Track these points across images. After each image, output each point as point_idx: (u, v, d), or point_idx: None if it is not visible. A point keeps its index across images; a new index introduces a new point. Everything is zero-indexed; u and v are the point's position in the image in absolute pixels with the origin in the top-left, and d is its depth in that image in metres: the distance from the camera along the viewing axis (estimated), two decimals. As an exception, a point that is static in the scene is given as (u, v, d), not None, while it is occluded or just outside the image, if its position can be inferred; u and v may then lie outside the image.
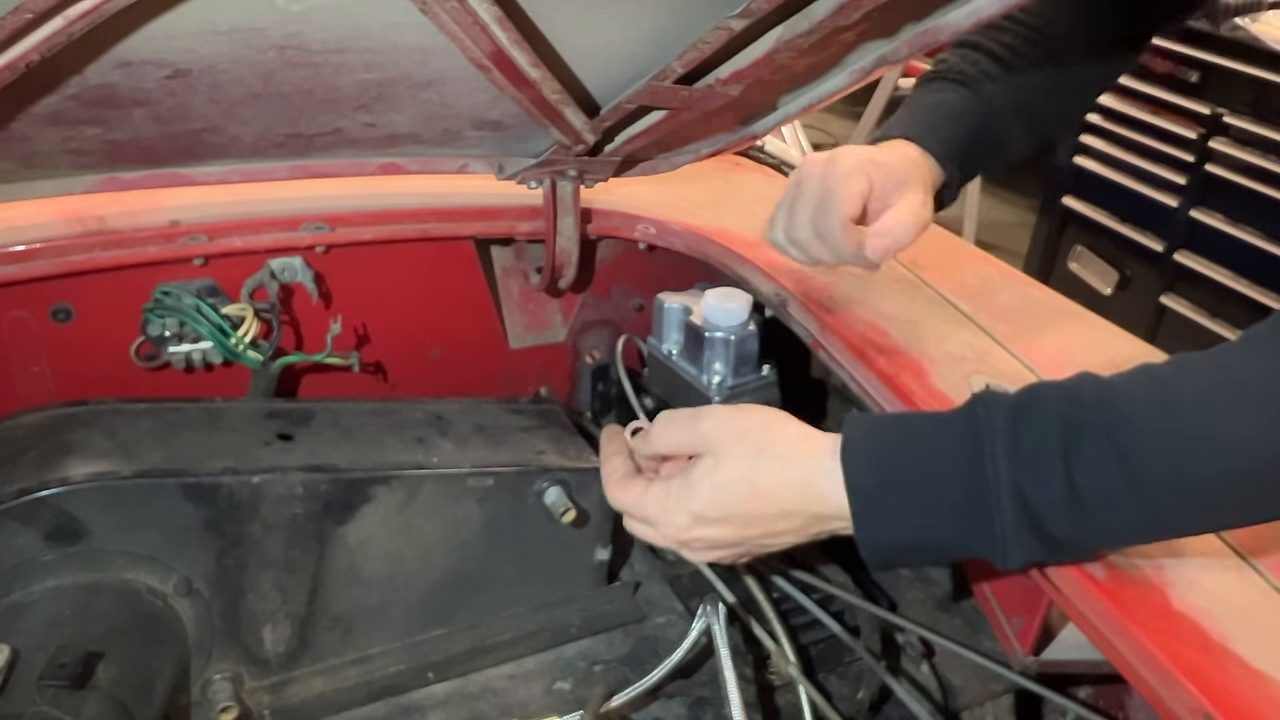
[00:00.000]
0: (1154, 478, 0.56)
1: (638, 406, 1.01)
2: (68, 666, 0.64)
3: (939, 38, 0.81)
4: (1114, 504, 0.57)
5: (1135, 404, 0.57)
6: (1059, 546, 0.60)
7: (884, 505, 0.61)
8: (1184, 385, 0.58)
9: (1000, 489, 0.58)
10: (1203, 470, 0.56)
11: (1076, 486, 0.56)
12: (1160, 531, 0.63)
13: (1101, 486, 0.56)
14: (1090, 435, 0.56)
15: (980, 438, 0.59)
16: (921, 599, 1.01)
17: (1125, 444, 0.56)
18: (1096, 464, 0.56)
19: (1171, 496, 0.57)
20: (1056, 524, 0.58)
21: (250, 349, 0.94)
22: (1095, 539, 0.62)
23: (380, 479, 0.81)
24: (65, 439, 0.78)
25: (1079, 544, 0.62)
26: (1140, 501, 0.57)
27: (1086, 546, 0.63)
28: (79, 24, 0.57)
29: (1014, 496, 0.58)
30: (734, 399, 0.96)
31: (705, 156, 1.11)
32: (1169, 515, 0.60)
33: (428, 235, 1.05)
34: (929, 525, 0.61)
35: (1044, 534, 0.59)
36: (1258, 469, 0.56)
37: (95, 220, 0.92)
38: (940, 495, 0.60)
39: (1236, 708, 0.57)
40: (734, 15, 0.66)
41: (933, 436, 0.62)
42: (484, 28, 0.67)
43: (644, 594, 0.97)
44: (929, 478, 0.61)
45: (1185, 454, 0.56)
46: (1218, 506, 0.60)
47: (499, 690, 0.85)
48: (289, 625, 0.81)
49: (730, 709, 0.74)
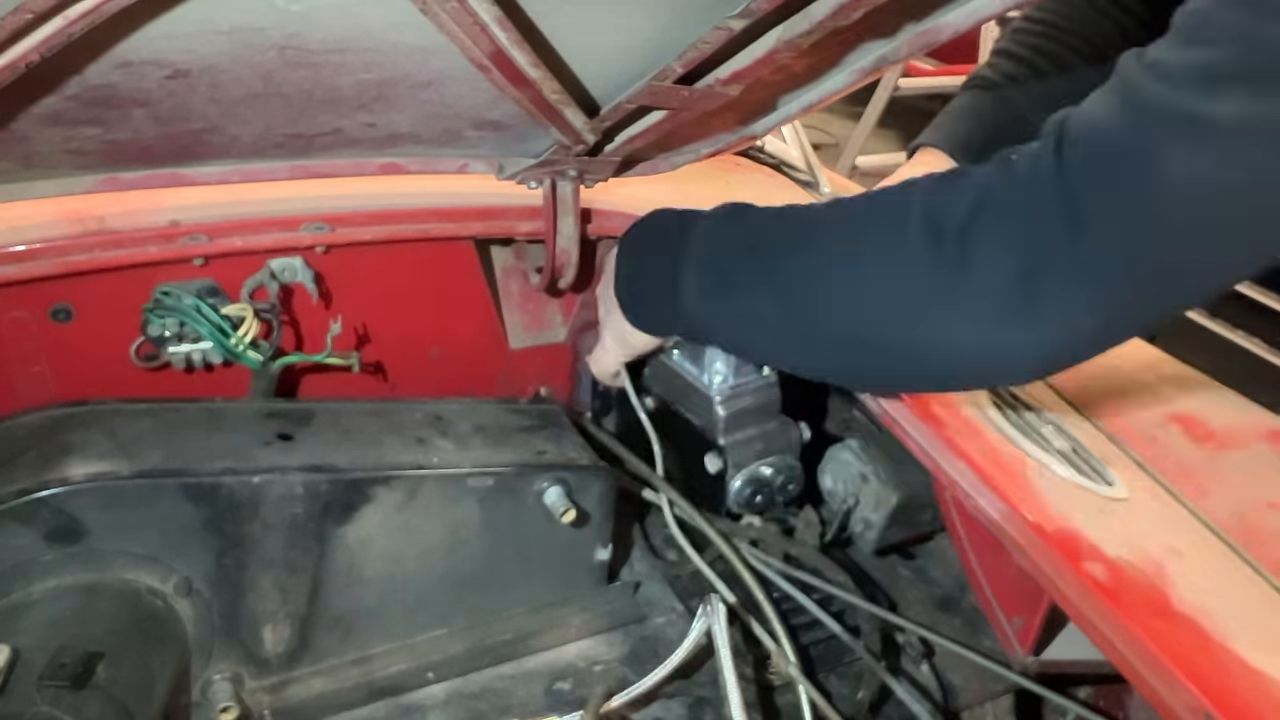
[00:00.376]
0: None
1: (638, 406, 1.01)
2: (68, 666, 0.64)
3: (939, 38, 0.81)
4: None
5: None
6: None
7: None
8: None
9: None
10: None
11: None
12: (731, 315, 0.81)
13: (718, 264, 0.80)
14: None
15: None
16: (922, 599, 1.02)
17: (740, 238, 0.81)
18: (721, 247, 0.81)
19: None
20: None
21: (250, 349, 0.94)
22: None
23: (380, 479, 0.81)
24: (65, 439, 0.78)
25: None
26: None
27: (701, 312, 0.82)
28: (79, 24, 0.57)
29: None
30: (735, 399, 0.96)
31: (705, 156, 1.11)
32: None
33: (428, 235, 1.05)
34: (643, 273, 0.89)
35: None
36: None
37: (95, 220, 0.92)
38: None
39: (1236, 708, 0.58)
40: (734, 15, 0.66)
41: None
42: (484, 28, 0.67)
43: (644, 594, 0.97)
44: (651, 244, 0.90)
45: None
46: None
47: (499, 690, 0.85)
48: (289, 625, 0.81)
49: (730, 709, 0.74)
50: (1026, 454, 0.80)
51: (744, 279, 0.78)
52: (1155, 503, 0.78)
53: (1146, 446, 0.86)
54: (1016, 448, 0.81)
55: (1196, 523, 0.76)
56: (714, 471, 0.96)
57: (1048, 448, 0.81)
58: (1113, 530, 0.72)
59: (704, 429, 0.97)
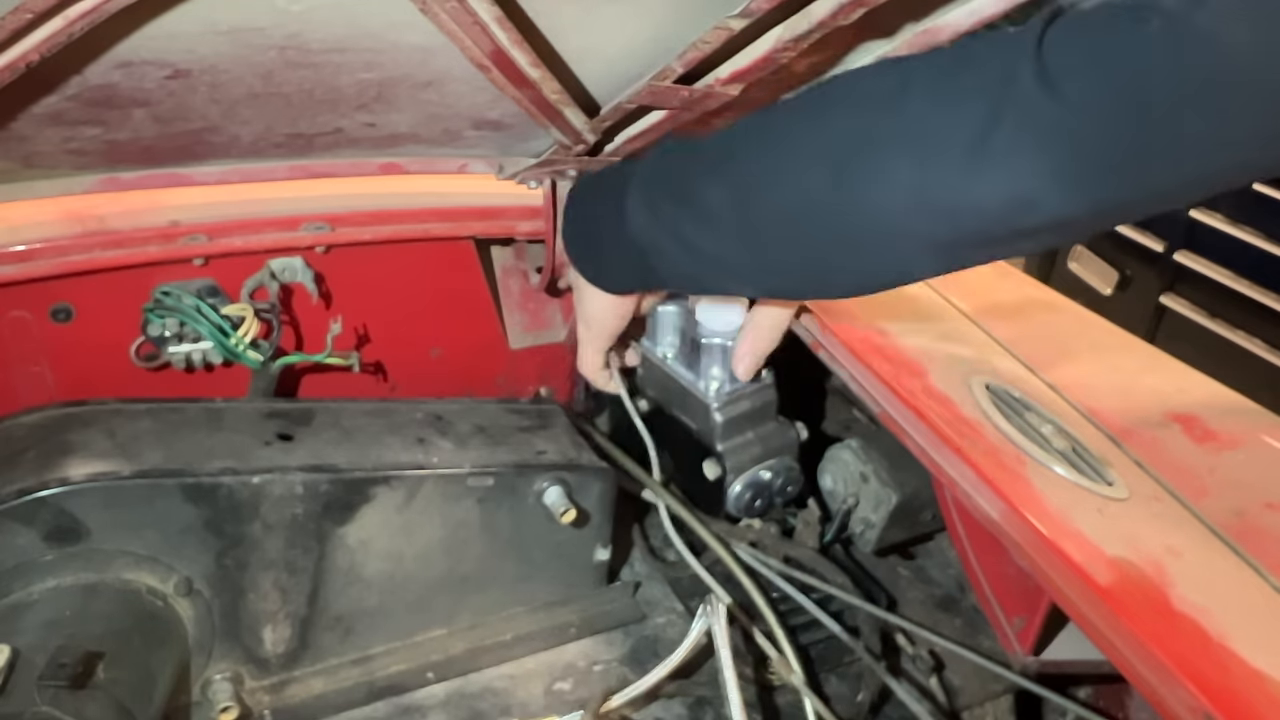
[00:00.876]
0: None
1: (633, 411, 1.00)
2: (68, 666, 0.64)
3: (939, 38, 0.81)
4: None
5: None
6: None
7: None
8: None
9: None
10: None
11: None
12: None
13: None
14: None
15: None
16: (921, 599, 1.02)
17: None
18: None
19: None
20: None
21: (250, 349, 0.94)
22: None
23: (380, 479, 0.81)
24: (65, 439, 0.78)
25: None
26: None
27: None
28: (79, 24, 0.57)
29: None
30: (732, 404, 0.95)
31: (705, 156, 1.11)
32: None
33: (428, 235, 1.05)
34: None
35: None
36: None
37: (95, 220, 0.92)
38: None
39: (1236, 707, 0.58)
40: (734, 15, 0.66)
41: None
42: (484, 28, 0.67)
43: (644, 594, 0.97)
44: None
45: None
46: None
47: (499, 690, 0.85)
48: (289, 625, 0.81)
49: (730, 709, 0.74)
50: (1026, 454, 0.80)
51: (692, 178, 0.75)
52: (1155, 503, 0.78)
53: (1146, 446, 0.86)
54: (1016, 448, 0.81)
55: (1196, 523, 0.76)
56: (713, 478, 0.95)
57: (1048, 448, 0.81)
58: (1113, 530, 0.72)
59: (701, 434, 0.96)
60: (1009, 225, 0.62)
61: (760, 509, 0.97)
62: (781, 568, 0.92)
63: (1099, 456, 0.82)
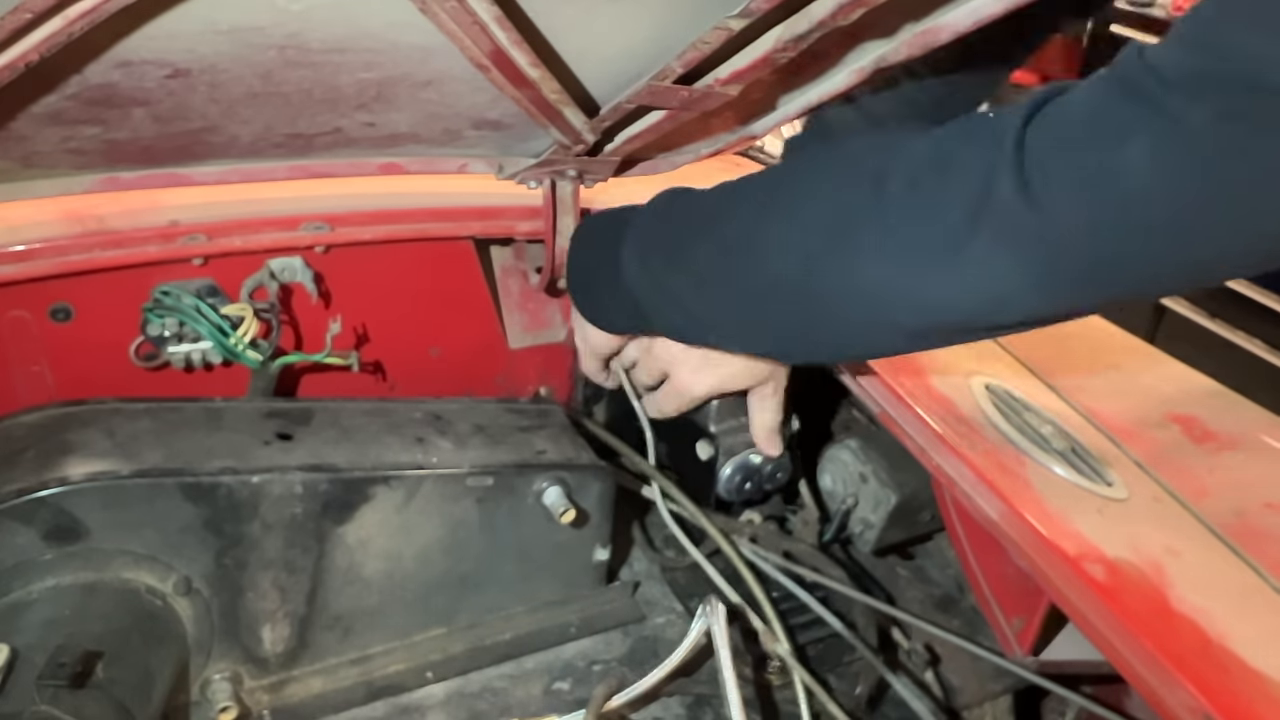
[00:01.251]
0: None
1: (632, 395, 1.02)
2: (67, 666, 0.64)
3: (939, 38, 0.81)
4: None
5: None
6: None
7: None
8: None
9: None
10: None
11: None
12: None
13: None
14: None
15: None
16: (921, 599, 1.02)
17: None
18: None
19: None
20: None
21: (250, 349, 0.94)
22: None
23: (380, 479, 0.81)
24: (65, 439, 0.78)
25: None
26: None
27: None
28: (79, 24, 0.57)
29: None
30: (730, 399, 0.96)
31: (705, 156, 1.11)
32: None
33: (428, 235, 1.05)
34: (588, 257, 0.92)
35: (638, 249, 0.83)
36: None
37: (95, 220, 0.92)
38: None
39: (1236, 708, 0.58)
40: (734, 15, 0.66)
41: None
42: (484, 27, 0.67)
43: (644, 594, 0.97)
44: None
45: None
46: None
47: (499, 690, 0.85)
48: (288, 625, 0.81)
49: (730, 709, 0.74)
50: (1026, 454, 0.80)
51: (682, 240, 0.79)
52: (1155, 503, 0.78)
53: (1146, 446, 0.86)
54: (1016, 448, 0.81)
55: (1196, 523, 0.76)
56: (705, 459, 0.97)
57: (1047, 448, 0.81)
58: (1112, 530, 0.72)
59: (695, 416, 0.98)
60: (984, 321, 0.65)
61: (750, 493, 0.98)
62: (780, 561, 0.93)
63: (1099, 457, 0.82)
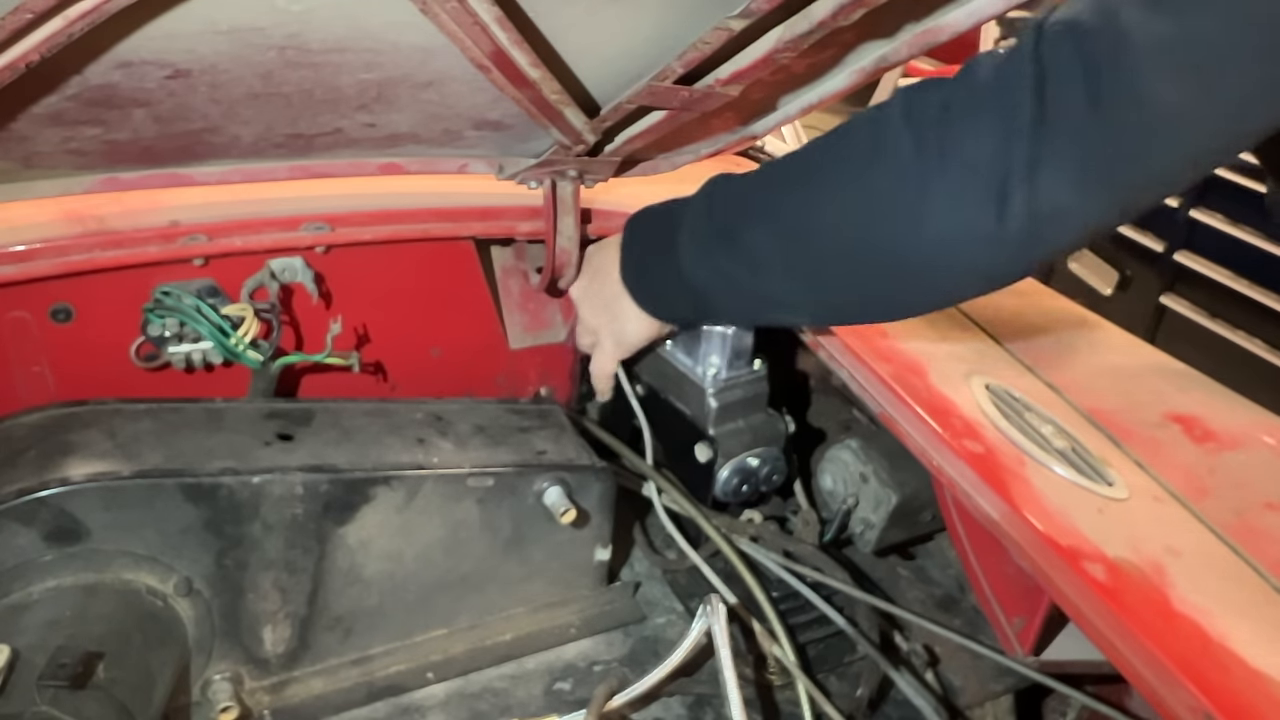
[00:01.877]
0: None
1: (632, 397, 1.02)
2: (68, 666, 0.64)
3: (939, 38, 0.81)
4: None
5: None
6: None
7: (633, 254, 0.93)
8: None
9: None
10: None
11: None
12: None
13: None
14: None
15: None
16: (921, 599, 1.02)
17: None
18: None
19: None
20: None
21: (250, 349, 0.94)
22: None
23: (380, 479, 0.81)
24: (65, 439, 0.78)
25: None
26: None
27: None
28: (79, 24, 0.57)
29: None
30: (727, 391, 0.97)
31: (705, 156, 1.11)
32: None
33: (428, 235, 1.05)
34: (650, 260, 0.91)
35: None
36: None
37: (95, 220, 0.92)
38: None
39: (1236, 708, 0.58)
40: (734, 15, 0.67)
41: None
42: (484, 28, 0.67)
43: (644, 594, 0.97)
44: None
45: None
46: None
47: (499, 690, 0.85)
48: (289, 625, 0.81)
49: (730, 709, 0.74)
50: (1026, 454, 0.80)
51: (738, 224, 0.79)
52: (1155, 503, 0.78)
53: (1146, 446, 0.86)
54: (1016, 448, 0.81)
55: (1196, 523, 0.76)
56: (704, 460, 0.97)
57: (1048, 448, 0.81)
58: (1112, 530, 0.72)
59: (694, 419, 0.98)
60: (1047, 246, 0.66)
61: (746, 495, 0.99)
62: (781, 560, 0.93)
63: (1099, 456, 0.82)
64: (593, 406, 1.17)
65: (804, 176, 0.76)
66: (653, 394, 1.04)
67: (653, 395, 1.04)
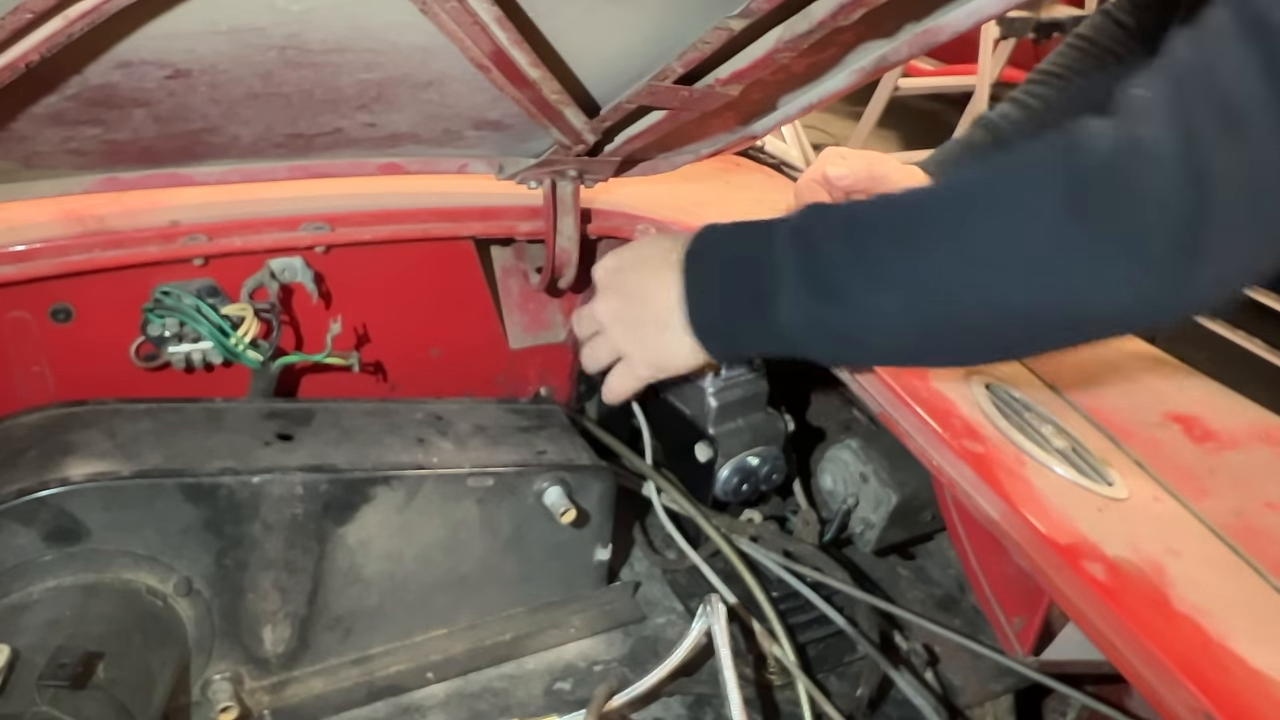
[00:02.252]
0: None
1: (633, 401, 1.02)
2: (68, 666, 0.64)
3: (939, 38, 0.81)
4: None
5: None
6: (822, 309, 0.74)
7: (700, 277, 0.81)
8: None
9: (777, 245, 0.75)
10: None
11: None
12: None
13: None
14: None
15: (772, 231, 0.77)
16: (922, 599, 1.02)
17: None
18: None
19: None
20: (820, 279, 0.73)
21: (250, 349, 0.94)
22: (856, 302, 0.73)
23: (380, 479, 0.81)
24: (65, 439, 0.78)
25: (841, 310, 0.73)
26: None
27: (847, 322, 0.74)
28: (79, 24, 0.57)
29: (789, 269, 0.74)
30: (727, 390, 0.96)
31: (705, 156, 1.11)
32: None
33: (428, 235, 1.05)
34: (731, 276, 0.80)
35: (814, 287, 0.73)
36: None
37: (95, 220, 0.92)
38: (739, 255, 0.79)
39: (1236, 708, 0.58)
40: (734, 15, 0.67)
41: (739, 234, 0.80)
42: (484, 28, 0.67)
43: (644, 594, 0.97)
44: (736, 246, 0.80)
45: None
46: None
47: (499, 690, 0.85)
48: (289, 625, 0.81)
49: (730, 709, 0.74)
50: (1026, 454, 0.80)
51: (858, 287, 0.72)
52: (1155, 503, 0.78)
53: (1146, 446, 0.86)
54: (1016, 448, 0.81)
55: (1196, 523, 0.76)
56: (704, 460, 0.97)
57: (1048, 448, 0.81)
58: (1112, 530, 0.72)
59: (694, 418, 0.98)
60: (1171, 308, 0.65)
61: (746, 494, 0.98)
62: (781, 560, 0.93)
63: (1099, 456, 0.82)
64: (592, 406, 1.17)
65: (942, 233, 0.69)
66: (651, 393, 1.04)
67: (651, 395, 1.04)
